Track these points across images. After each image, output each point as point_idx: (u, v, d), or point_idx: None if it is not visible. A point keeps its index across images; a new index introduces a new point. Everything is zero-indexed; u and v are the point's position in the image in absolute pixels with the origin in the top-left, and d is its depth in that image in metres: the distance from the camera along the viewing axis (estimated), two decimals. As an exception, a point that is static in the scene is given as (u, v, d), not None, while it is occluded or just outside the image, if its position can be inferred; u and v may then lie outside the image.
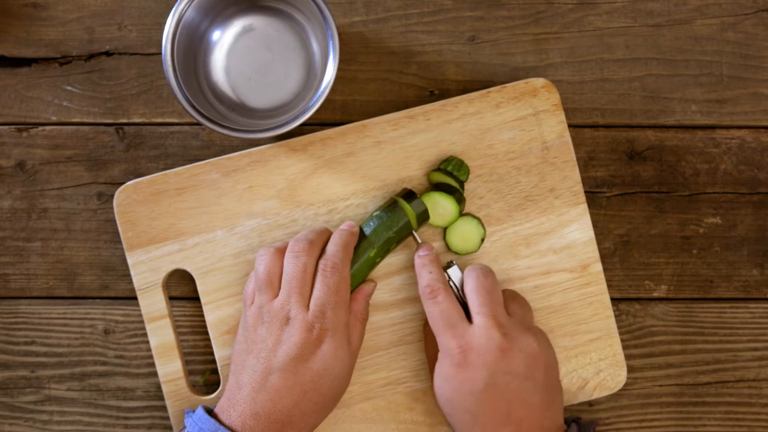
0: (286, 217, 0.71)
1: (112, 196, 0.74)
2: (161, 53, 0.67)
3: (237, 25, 0.71)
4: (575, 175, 0.71)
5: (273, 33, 0.71)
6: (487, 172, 0.71)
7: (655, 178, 0.75)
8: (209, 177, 0.71)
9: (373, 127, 0.71)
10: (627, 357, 0.74)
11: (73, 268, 0.74)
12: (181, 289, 0.74)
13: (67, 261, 0.74)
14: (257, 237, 0.71)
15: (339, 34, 0.67)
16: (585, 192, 0.72)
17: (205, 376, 0.74)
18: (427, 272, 0.66)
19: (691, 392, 0.74)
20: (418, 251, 0.67)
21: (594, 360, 0.71)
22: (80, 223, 0.74)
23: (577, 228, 0.71)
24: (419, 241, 0.68)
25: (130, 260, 0.70)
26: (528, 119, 0.71)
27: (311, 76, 0.71)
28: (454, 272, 0.67)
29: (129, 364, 0.74)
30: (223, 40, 0.71)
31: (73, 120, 0.75)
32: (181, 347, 0.72)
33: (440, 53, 0.75)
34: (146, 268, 0.70)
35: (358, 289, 0.68)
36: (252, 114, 0.71)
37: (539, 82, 0.71)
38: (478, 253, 0.71)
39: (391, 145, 0.71)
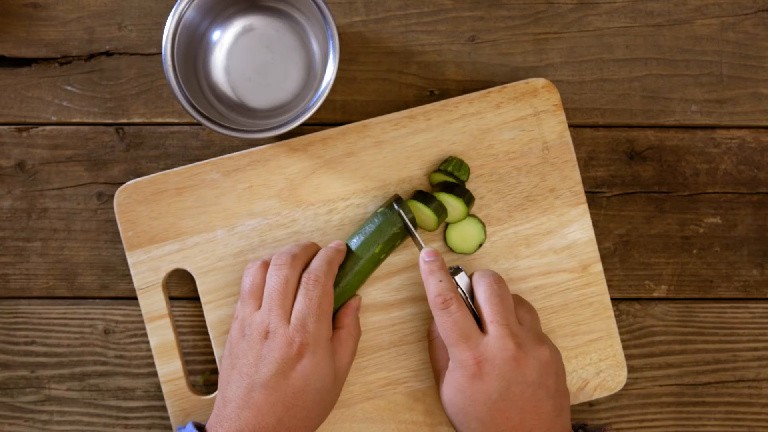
0: (287, 216, 0.71)
1: (112, 196, 0.74)
2: (161, 53, 0.67)
3: (237, 25, 0.71)
4: (575, 175, 0.71)
5: (273, 33, 0.71)
6: (487, 172, 0.71)
7: (655, 178, 0.75)
8: (209, 177, 0.71)
9: (373, 127, 0.71)
10: (627, 357, 0.74)
11: (73, 268, 0.74)
12: (181, 289, 0.74)
13: (67, 261, 0.74)
14: (257, 237, 0.71)
15: (339, 34, 0.67)
16: (585, 192, 0.72)
17: (205, 376, 0.74)
18: (437, 280, 0.65)
19: (691, 392, 0.74)
20: (422, 255, 0.66)
21: (594, 360, 0.71)
22: (80, 223, 0.74)
23: (577, 228, 0.71)
24: (422, 244, 0.67)
25: (130, 260, 0.70)
26: (528, 119, 0.71)
27: (311, 76, 0.71)
28: (461, 279, 0.66)
29: (129, 364, 0.74)
30: (223, 40, 0.71)
31: (73, 120, 0.75)
32: (181, 347, 0.72)
33: (440, 53, 0.75)
34: (146, 268, 0.70)
35: (347, 304, 0.67)
36: (252, 114, 0.71)
37: (540, 82, 0.71)
38: (477, 253, 0.71)
39: (391, 145, 0.71)
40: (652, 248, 0.75)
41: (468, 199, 0.69)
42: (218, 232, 0.71)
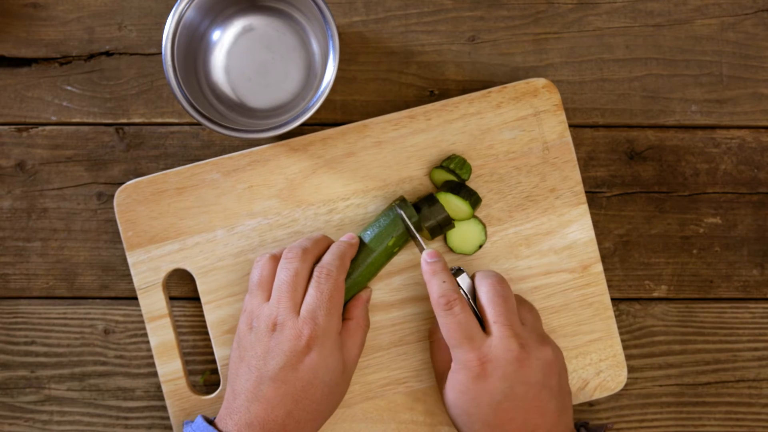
0: (287, 216, 0.71)
1: (112, 196, 0.74)
2: (161, 53, 0.67)
3: (237, 25, 0.71)
4: (576, 175, 0.71)
5: (273, 33, 0.71)
6: (487, 173, 0.71)
7: (655, 178, 0.75)
8: (209, 177, 0.71)
9: (373, 126, 0.71)
10: (627, 357, 0.74)
11: (73, 268, 0.74)
12: (181, 289, 0.74)
13: (67, 261, 0.74)
14: (258, 236, 0.71)
15: (339, 34, 0.67)
16: (585, 192, 0.72)
17: (205, 375, 0.74)
18: (440, 281, 0.64)
19: (691, 392, 0.74)
20: (424, 257, 0.66)
21: (594, 360, 0.71)
22: (80, 223, 0.74)
23: (577, 228, 0.71)
24: (423, 245, 0.67)
25: (130, 260, 0.70)
26: (528, 119, 0.71)
27: (311, 76, 0.71)
28: (463, 280, 0.65)
29: (129, 364, 0.74)
30: (223, 40, 0.71)
31: (73, 120, 0.75)
32: (181, 347, 0.72)
33: (440, 53, 0.75)
34: (146, 268, 0.70)
35: (357, 296, 0.67)
36: (252, 114, 0.71)
37: (540, 82, 0.71)
38: (478, 253, 0.71)
39: (391, 145, 0.71)
40: (652, 248, 0.75)
41: (474, 201, 0.69)
42: (218, 232, 0.71)
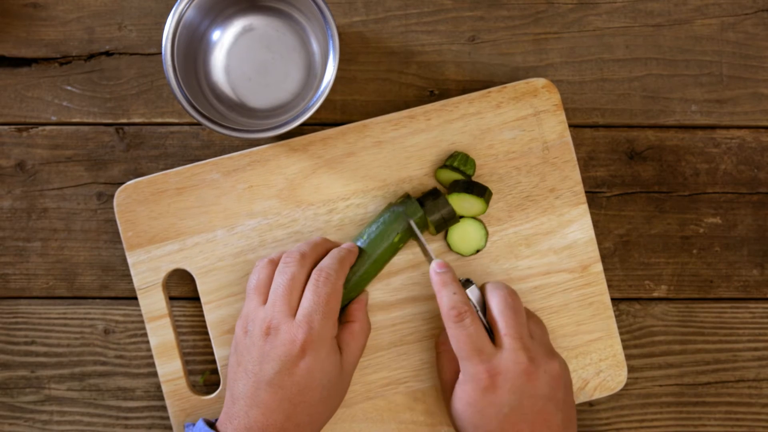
0: (287, 216, 0.71)
1: (112, 196, 0.74)
2: (161, 53, 0.67)
3: (237, 25, 0.71)
4: (576, 175, 0.71)
5: (273, 33, 0.71)
6: (487, 173, 0.71)
7: (655, 178, 0.75)
8: (209, 177, 0.71)
9: (373, 126, 0.71)
10: (627, 357, 0.74)
11: (73, 268, 0.74)
12: (181, 289, 0.74)
13: (67, 261, 0.74)
14: (257, 237, 0.71)
15: (339, 34, 0.67)
16: (585, 192, 0.72)
17: (205, 375, 0.74)
18: (450, 292, 0.64)
19: (691, 392, 0.74)
20: (434, 267, 0.65)
21: (594, 360, 0.71)
22: (80, 223, 0.74)
23: (577, 228, 0.71)
24: (432, 255, 0.67)
25: (130, 260, 0.70)
26: (528, 119, 0.71)
27: (311, 76, 0.71)
28: (472, 292, 0.65)
29: (129, 364, 0.74)
30: (223, 40, 0.71)
31: (73, 120, 0.75)
32: (181, 347, 0.72)
33: (440, 53, 0.75)
34: (146, 268, 0.70)
35: (358, 299, 0.67)
36: (252, 114, 0.71)
37: (540, 82, 0.71)
38: (477, 253, 0.71)
39: (391, 145, 0.71)
40: (652, 248, 0.75)
41: (488, 196, 0.69)
42: (218, 232, 0.71)
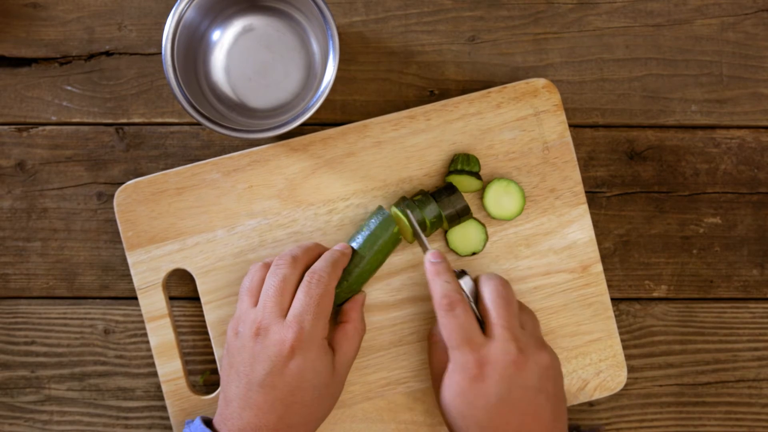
0: (287, 216, 0.71)
1: (112, 196, 0.74)
2: (161, 53, 0.67)
3: (237, 25, 0.71)
4: (576, 175, 0.71)
5: (273, 33, 0.71)
6: (487, 173, 0.71)
7: (655, 178, 0.75)
8: (209, 177, 0.71)
9: (373, 127, 0.71)
10: (627, 357, 0.74)
11: (73, 268, 0.74)
12: (181, 289, 0.74)
13: (67, 261, 0.74)
14: (257, 236, 0.71)
15: (339, 34, 0.67)
16: (585, 192, 0.72)
17: (205, 375, 0.74)
18: (443, 281, 0.64)
19: (691, 392, 0.74)
20: (428, 257, 0.66)
21: (594, 361, 0.71)
22: (80, 223, 0.74)
23: (577, 228, 0.71)
24: (427, 245, 0.67)
25: (130, 260, 0.70)
26: (528, 119, 0.71)
27: (311, 76, 0.71)
28: (466, 282, 0.65)
29: (129, 364, 0.74)
30: (223, 40, 0.71)
31: (73, 120, 0.75)
32: (181, 347, 0.72)
33: (440, 53, 0.75)
34: (146, 268, 0.70)
35: (354, 299, 0.67)
36: (252, 114, 0.71)
37: (540, 82, 0.71)
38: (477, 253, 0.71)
39: (391, 145, 0.71)
40: (652, 248, 0.75)
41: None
42: (218, 232, 0.71)
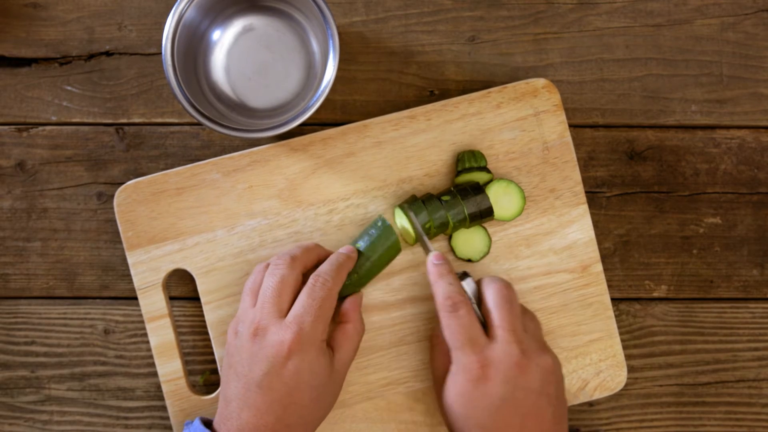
0: (287, 216, 0.71)
1: (112, 196, 0.74)
2: (161, 53, 0.67)
3: (237, 25, 0.71)
4: (576, 175, 0.71)
5: (273, 33, 0.71)
6: (487, 172, 0.71)
7: (655, 178, 0.75)
8: (209, 177, 0.71)
9: (373, 127, 0.71)
10: (627, 357, 0.74)
11: (73, 268, 0.74)
12: (181, 289, 0.74)
13: (67, 261, 0.74)
14: (258, 237, 0.71)
15: (339, 34, 0.67)
16: (585, 192, 0.72)
17: (205, 375, 0.74)
18: (447, 283, 0.64)
19: (691, 392, 0.74)
20: (431, 259, 0.66)
21: (594, 360, 0.71)
22: (80, 223, 0.74)
23: (577, 228, 0.71)
24: (430, 247, 0.67)
25: (130, 260, 0.70)
26: (528, 119, 0.71)
27: (311, 76, 0.71)
28: (468, 284, 0.65)
29: (129, 364, 0.74)
30: (223, 40, 0.71)
31: (73, 120, 0.75)
32: (181, 347, 0.72)
33: (440, 53, 0.75)
34: (146, 268, 0.70)
35: (353, 299, 0.67)
36: (252, 114, 0.71)
37: (540, 82, 0.71)
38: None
39: (391, 145, 0.71)
40: (652, 248, 0.75)
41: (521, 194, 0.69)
42: (218, 232, 0.71)
